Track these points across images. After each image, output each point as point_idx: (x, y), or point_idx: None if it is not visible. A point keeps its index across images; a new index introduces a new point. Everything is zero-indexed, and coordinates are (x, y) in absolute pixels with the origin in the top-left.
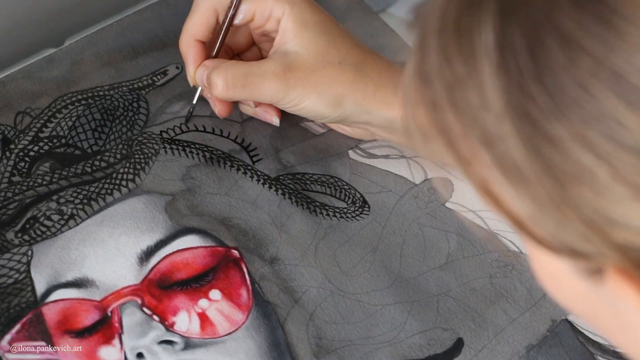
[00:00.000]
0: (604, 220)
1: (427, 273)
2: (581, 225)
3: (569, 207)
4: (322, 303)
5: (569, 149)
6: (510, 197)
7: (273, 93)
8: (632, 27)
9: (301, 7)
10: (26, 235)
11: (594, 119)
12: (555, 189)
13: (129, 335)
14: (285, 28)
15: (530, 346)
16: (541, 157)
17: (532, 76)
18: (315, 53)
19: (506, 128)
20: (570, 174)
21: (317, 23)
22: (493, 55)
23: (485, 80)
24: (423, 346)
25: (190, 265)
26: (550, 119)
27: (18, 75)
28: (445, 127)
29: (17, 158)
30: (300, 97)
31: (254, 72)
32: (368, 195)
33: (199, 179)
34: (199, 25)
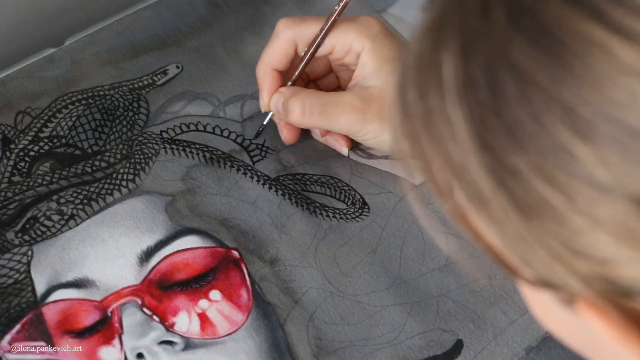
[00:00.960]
0: (568, 251)
1: (426, 274)
2: (546, 255)
3: (534, 238)
4: (322, 304)
5: (529, 181)
6: (484, 227)
7: (349, 124)
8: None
9: (381, 42)
10: (26, 236)
11: (548, 151)
12: (520, 219)
13: (129, 336)
14: (365, 63)
15: (530, 347)
16: (505, 189)
17: (491, 109)
18: None
19: (472, 160)
20: (532, 205)
21: (396, 58)
22: (455, 90)
23: (451, 113)
24: (423, 347)
25: (190, 265)
26: (510, 152)
27: (18, 75)
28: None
29: (17, 158)
30: (377, 132)
31: (332, 102)
32: (368, 197)
33: (199, 179)
34: (278, 54)
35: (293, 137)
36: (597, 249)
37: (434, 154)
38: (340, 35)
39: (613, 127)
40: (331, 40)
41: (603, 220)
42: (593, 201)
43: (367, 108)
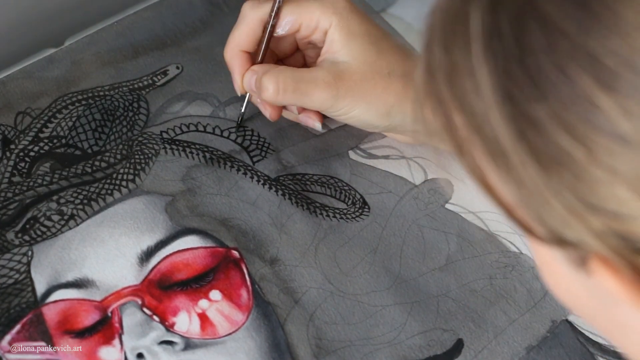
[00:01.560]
0: (584, 206)
1: (427, 274)
2: (562, 210)
3: (551, 191)
4: (322, 304)
5: (549, 131)
6: (500, 183)
7: (323, 100)
8: (608, 11)
9: (349, 18)
10: (26, 236)
11: (570, 101)
12: (538, 172)
13: (129, 336)
14: (332, 39)
15: (530, 347)
16: (525, 140)
17: (516, 59)
18: (364, 63)
19: (494, 112)
20: (551, 157)
21: (365, 34)
22: (481, 41)
23: (475, 66)
24: (423, 347)
25: (190, 265)
26: (532, 101)
27: (18, 75)
28: (447, 118)
29: (18, 158)
30: (349, 106)
31: (305, 78)
32: (368, 196)
33: (199, 179)
34: (245, 36)
35: (277, 113)
36: (613, 203)
37: (455, 109)
38: (306, 12)
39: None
40: (297, 18)
41: (622, 173)
42: (613, 153)
43: (339, 84)
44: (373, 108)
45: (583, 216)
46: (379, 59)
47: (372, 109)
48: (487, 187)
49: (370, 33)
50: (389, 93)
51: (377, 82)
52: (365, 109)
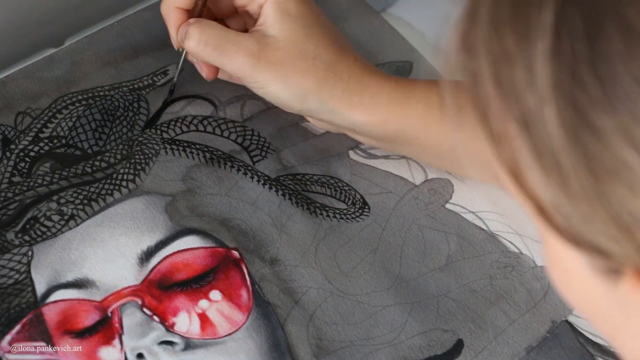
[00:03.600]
0: (634, 221)
1: (427, 274)
2: (609, 222)
3: (600, 202)
4: (322, 304)
5: (612, 143)
6: (539, 182)
7: (241, 67)
8: None
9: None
10: (26, 236)
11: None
12: (589, 181)
13: (129, 336)
14: (267, 14)
15: (530, 347)
16: (580, 146)
17: (586, 62)
18: (292, 43)
19: (549, 111)
20: (608, 168)
21: (299, 15)
22: (549, 36)
23: (536, 60)
24: (423, 347)
25: (190, 265)
26: (598, 110)
27: (18, 76)
28: (483, 101)
29: (18, 158)
30: (266, 81)
31: (231, 40)
32: (368, 196)
33: (199, 179)
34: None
35: (213, 72)
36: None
37: (496, 97)
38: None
39: None
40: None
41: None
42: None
43: (262, 55)
44: (290, 88)
45: (632, 231)
46: (307, 42)
47: (288, 89)
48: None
49: (305, 15)
50: (309, 77)
51: (300, 64)
52: (281, 88)
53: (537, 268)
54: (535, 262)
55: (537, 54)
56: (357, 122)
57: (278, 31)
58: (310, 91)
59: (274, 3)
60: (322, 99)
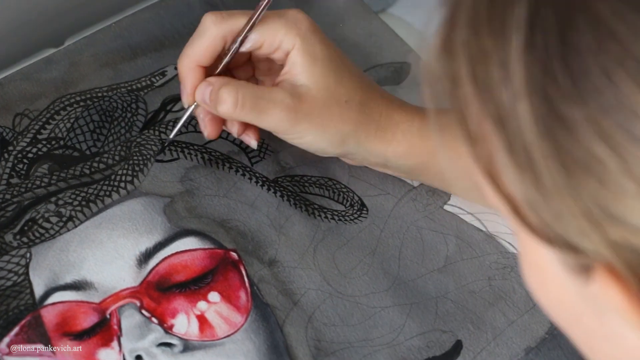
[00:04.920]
0: (605, 215)
1: (425, 275)
2: (580, 216)
3: (571, 196)
4: (320, 305)
5: (583, 136)
6: (512, 179)
7: (280, 121)
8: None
9: (312, 41)
10: (25, 238)
11: (612, 107)
12: (561, 175)
13: (128, 338)
14: (294, 62)
15: (529, 348)
16: (552, 140)
17: (558, 56)
18: (324, 89)
19: (522, 106)
20: (578, 162)
21: (326, 58)
22: (522, 32)
23: (510, 56)
24: (422, 348)
25: (189, 267)
26: (569, 102)
27: (16, 77)
28: (461, 102)
29: (16, 160)
30: (305, 131)
31: (265, 97)
32: (366, 198)
33: (197, 180)
34: (205, 51)
35: (217, 131)
36: (637, 218)
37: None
38: (269, 32)
39: None
40: (261, 37)
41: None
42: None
43: (298, 107)
44: (328, 135)
45: (602, 225)
46: (338, 86)
47: (326, 136)
48: (493, 180)
49: (331, 58)
50: (345, 121)
51: (335, 110)
52: (319, 136)
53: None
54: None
55: (511, 50)
56: (391, 157)
57: (308, 78)
58: (348, 135)
59: (301, 49)
60: (359, 141)
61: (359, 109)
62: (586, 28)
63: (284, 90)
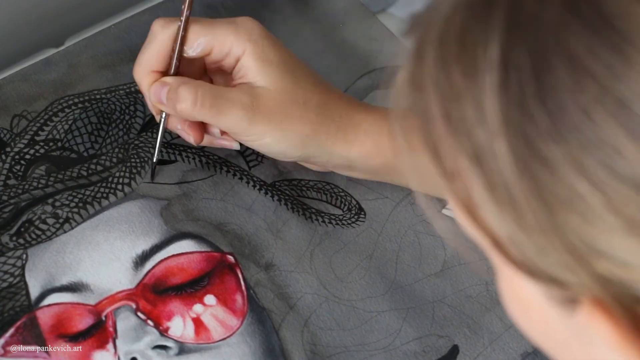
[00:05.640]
0: (589, 250)
1: (422, 280)
2: (564, 252)
3: (555, 232)
4: (317, 309)
5: (563, 173)
6: (493, 216)
7: (238, 121)
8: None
9: (263, 45)
10: (21, 239)
11: (592, 145)
12: (543, 212)
13: (123, 340)
14: (247, 66)
15: (526, 353)
16: (532, 179)
17: (534, 96)
18: (281, 91)
19: (500, 145)
20: (560, 199)
21: (280, 61)
22: (496, 71)
23: (484, 95)
24: (418, 353)
25: (185, 270)
26: (548, 141)
27: (15, 78)
28: (433, 138)
29: (13, 161)
30: (263, 132)
31: (224, 95)
32: (364, 202)
33: (194, 183)
34: (156, 55)
35: (201, 134)
36: (624, 252)
37: (447, 134)
38: (219, 36)
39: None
40: (210, 41)
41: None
42: (631, 202)
43: (256, 107)
44: (287, 137)
45: (587, 260)
46: (295, 88)
47: (286, 138)
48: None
49: (285, 61)
50: (304, 123)
51: (293, 111)
52: (279, 138)
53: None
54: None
55: (485, 89)
56: (355, 158)
57: (263, 80)
58: (308, 137)
59: (252, 54)
60: (319, 143)
61: (318, 111)
62: (562, 67)
63: (241, 90)
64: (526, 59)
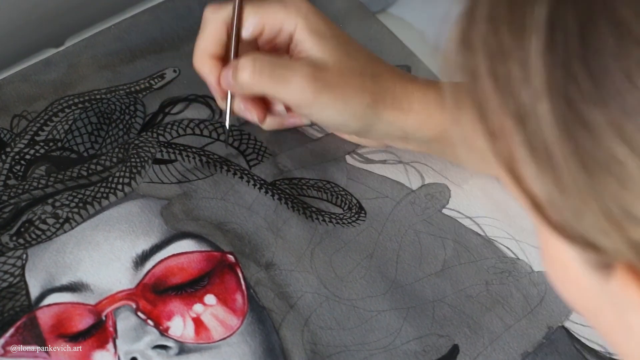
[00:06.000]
0: (625, 215)
1: (423, 279)
2: (600, 216)
3: (592, 195)
4: (317, 308)
5: (603, 137)
6: (533, 177)
7: (301, 92)
8: None
9: (314, 19)
10: (21, 239)
11: (634, 110)
12: (581, 175)
13: (123, 340)
14: (301, 40)
15: (526, 353)
16: (573, 141)
17: (579, 58)
18: (339, 62)
19: (543, 105)
20: (599, 162)
21: (332, 35)
22: (542, 32)
23: (530, 55)
24: (418, 352)
25: (185, 269)
26: (589, 104)
27: (15, 78)
28: (480, 97)
29: (13, 161)
30: (326, 104)
31: (284, 65)
32: (364, 201)
33: (195, 183)
34: (211, 40)
35: (264, 112)
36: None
37: (493, 93)
38: (269, 14)
39: None
40: (260, 20)
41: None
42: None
43: (319, 76)
44: (349, 107)
45: (622, 226)
46: (350, 59)
47: (348, 107)
48: (514, 177)
49: (337, 35)
50: (364, 92)
51: (353, 81)
52: (342, 108)
53: (533, 274)
54: (531, 268)
55: (531, 49)
56: (410, 129)
57: (321, 53)
58: (368, 106)
59: (305, 28)
60: (378, 112)
61: (373, 81)
62: (608, 31)
63: (302, 60)
64: (573, 20)
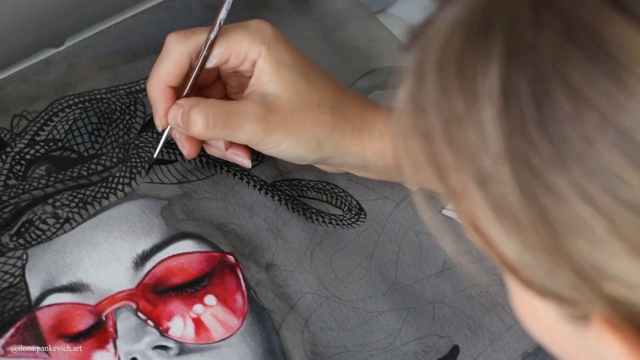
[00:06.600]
0: (597, 272)
1: (423, 280)
2: (572, 274)
3: (561, 255)
4: (317, 309)
5: (567, 200)
6: (500, 237)
7: (253, 135)
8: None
9: (277, 48)
10: (21, 239)
11: (596, 173)
12: (549, 236)
13: (124, 340)
14: (262, 70)
15: (526, 354)
16: (537, 204)
17: (536, 124)
18: (294, 95)
19: (503, 171)
20: (566, 224)
21: (294, 63)
22: (496, 99)
23: (485, 122)
24: (418, 353)
25: (185, 270)
26: (551, 168)
27: (15, 78)
28: (437, 159)
29: (13, 161)
30: (279, 140)
31: (235, 112)
32: (364, 202)
33: (195, 183)
34: (172, 71)
35: (195, 150)
36: (630, 274)
37: (451, 155)
38: (234, 43)
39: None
40: (226, 50)
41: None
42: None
43: (269, 117)
44: (303, 141)
45: (595, 282)
46: (309, 90)
47: (302, 142)
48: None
49: (298, 63)
50: (319, 125)
51: (307, 114)
52: (295, 143)
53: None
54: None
55: (486, 117)
56: (370, 159)
57: (277, 86)
58: (323, 139)
59: (267, 57)
60: (335, 144)
61: (332, 112)
62: (561, 95)
63: (253, 101)
64: (526, 87)
